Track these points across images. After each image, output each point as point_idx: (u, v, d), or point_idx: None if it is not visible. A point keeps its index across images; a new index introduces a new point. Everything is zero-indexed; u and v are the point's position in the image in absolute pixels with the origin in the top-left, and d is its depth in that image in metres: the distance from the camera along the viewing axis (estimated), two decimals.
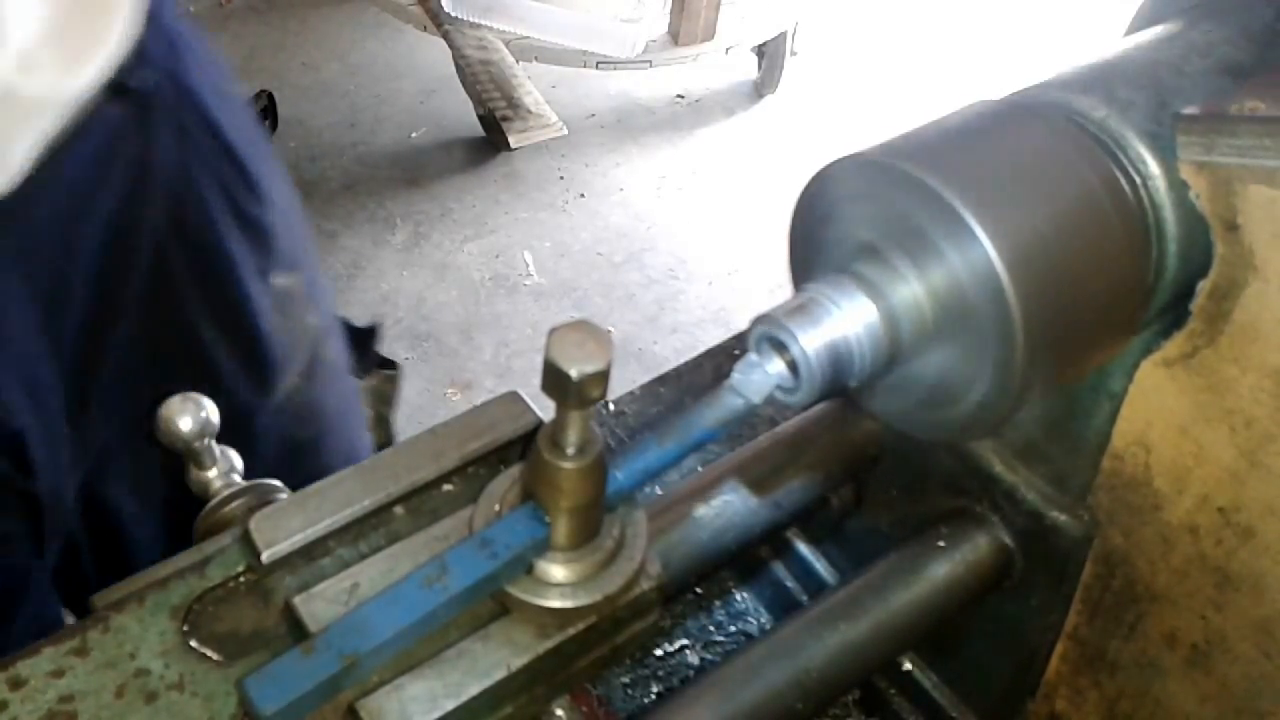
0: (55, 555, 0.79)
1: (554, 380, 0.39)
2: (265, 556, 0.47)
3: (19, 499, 0.74)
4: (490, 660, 0.44)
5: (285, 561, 0.48)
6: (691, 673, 0.77)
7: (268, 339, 0.85)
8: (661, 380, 0.94)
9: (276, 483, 0.60)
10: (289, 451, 0.90)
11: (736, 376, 0.45)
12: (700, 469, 0.66)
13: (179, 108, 0.75)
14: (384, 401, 1.14)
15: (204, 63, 0.79)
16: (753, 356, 0.46)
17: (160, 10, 0.71)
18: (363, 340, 1.05)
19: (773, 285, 2.76)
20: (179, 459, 0.77)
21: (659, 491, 0.68)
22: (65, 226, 0.69)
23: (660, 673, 0.76)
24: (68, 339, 0.73)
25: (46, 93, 0.60)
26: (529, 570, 0.45)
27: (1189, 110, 0.46)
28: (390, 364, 1.15)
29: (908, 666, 0.72)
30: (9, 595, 0.76)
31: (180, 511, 0.81)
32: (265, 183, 0.84)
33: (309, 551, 0.48)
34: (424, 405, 2.41)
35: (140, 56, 0.68)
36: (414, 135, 3.19)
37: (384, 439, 1.13)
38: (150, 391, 0.78)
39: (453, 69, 2.95)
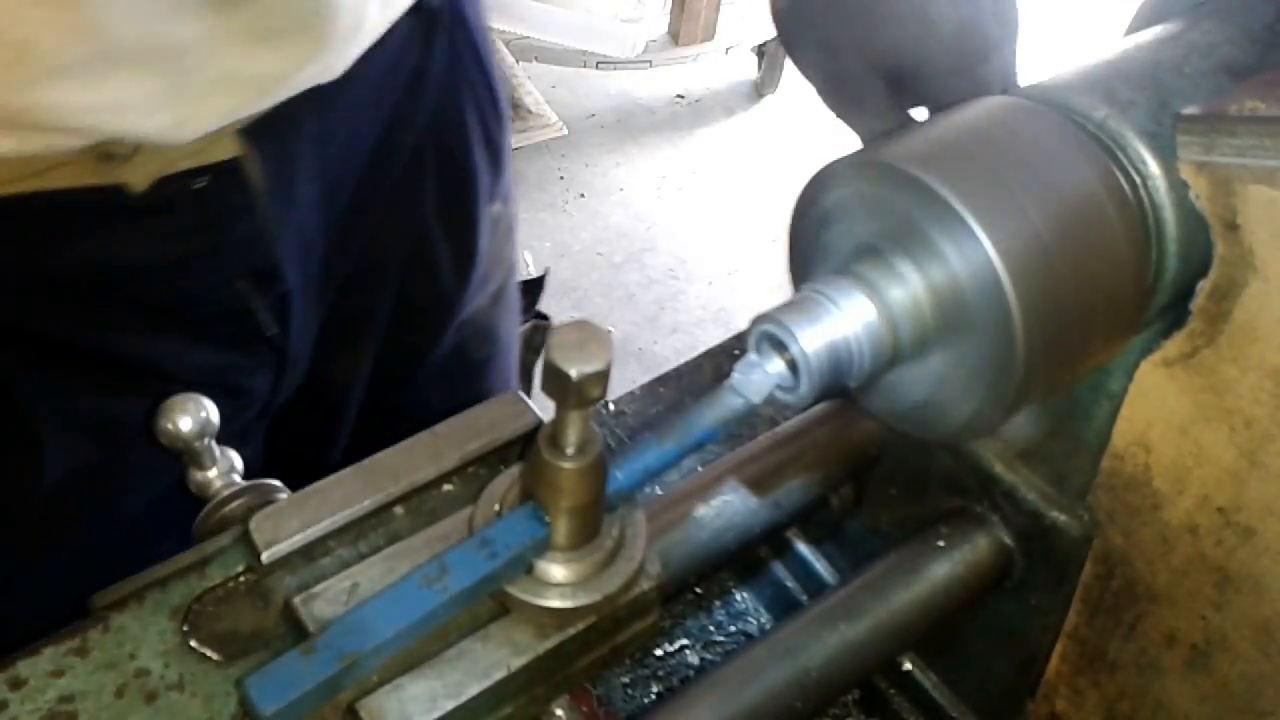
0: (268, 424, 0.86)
1: (554, 380, 0.39)
2: (265, 556, 0.47)
3: (273, 357, 0.80)
4: (490, 660, 0.44)
5: (285, 561, 0.48)
6: (691, 673, 0.77)
7: (480, 255, 0.93)
8: (661, 380, 0.95)
9: (276, 483, 0.60)
10: (458, 366, 0.98)
11: (736, 376, 0.45)
12: (700, 469, 0.66)
13: (453, 28, 0.83)
14: (532, 350, 1.24)
15: None
16: (752, 356, 0.46)
17: None
18: (530, 290, 1.15)
19: (773, 285, 2.75)
20: (393, 343, 0.90)
21: (659, 491, 0.68)
22: (356, 116, 0.77)
23: (660, 673, 0.76)
24: (335, 217, 0.79)
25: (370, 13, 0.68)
26: (529, 570, 0.45)
27: (1189, 110, 0.46)
28: (544, 316, 1.26)
29: (908, 666, 0.72)
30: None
31: (386, 394, 0.92)
32: (507, 114, 0.93)
33: (309, 551, 0.48)
34: None
35: None
36: None
37: (525, 388, 1.24)
38: (384, 278, 0.88)
39: None
